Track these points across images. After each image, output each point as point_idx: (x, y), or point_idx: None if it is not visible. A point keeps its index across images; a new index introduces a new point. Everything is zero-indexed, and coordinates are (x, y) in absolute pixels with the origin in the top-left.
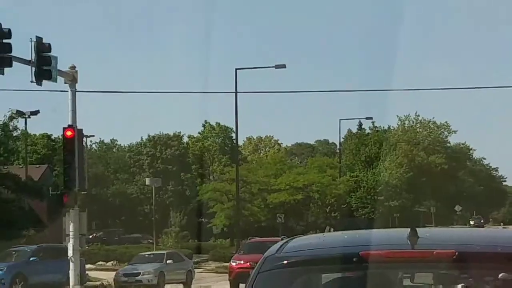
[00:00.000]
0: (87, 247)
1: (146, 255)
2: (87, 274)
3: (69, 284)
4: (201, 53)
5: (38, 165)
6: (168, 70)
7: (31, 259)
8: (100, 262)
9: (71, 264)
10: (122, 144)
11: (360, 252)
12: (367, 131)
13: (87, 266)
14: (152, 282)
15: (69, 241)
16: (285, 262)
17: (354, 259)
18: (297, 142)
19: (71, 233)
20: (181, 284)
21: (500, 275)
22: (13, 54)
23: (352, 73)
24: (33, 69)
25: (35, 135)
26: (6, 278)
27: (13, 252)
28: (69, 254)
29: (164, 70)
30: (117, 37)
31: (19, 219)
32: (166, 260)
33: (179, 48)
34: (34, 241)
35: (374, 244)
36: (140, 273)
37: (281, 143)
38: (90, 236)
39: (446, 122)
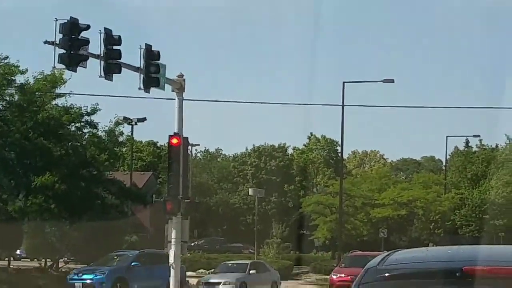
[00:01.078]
0: (188, 255)
1: (230, 264)
2: (188, 281)
3: None
4: (308, 65)
5: (143, 172)
6: (275, 81)
7: (132, 264)
8: (201, 270)
9: (172, 270)
10: (226, 154)
11: (463, 267)
12: (474, 148)
13: (188, 273)
14: None
15: (171, 248)
16: (386, 274)
17: (457, 274)
18: (402, 158)
19: (173, 240)
20: None
21: None
22: (122, 60)
23: (460, 90)
24: (141, 76)
25: (141, 142)
26: (107, 282)
27: (115, 257)
28: (170, 261)
29: (270, 80)
30: (225, 46)
31: (122, 224)
32: (249, 270)
33: (286, 59)
34: (136, 246)
35: (477, 259)
36: (220, 282)
37: (387, 158)
38: (192, 244)
39: None
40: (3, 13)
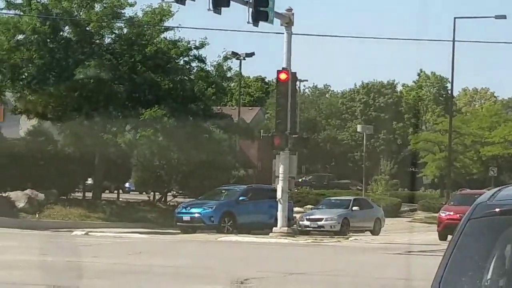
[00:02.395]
0: (295, 190)
1: (333, 200)
2: (295, 216)
3: (276, 225)
4: (419, 0)
5: (250, 107)
6: (385, 17)
7: (240, 198)
8: (309, 206)
9: (279, 205)
10: (335, 90)
11: None
12: None
13: (295, 209)
14: (334, 228)
15: (278, 183)
16: (497, 210)
17: None
18: None
19: (280, 175)
20: (369, 232)
21: None
22: None
23: None
24: (250, 10)
25: (249, 77)
26: (216, 216)
27: (223, 191)
28: (277, 196)
29: (381, 16)
30: None
31: (230, 159)
32: (352, 206)
33: None
34: (243, 181)
35: None
36: (322, 218)
37: (497, 96)
38: (299, 180)
39: None
40: None
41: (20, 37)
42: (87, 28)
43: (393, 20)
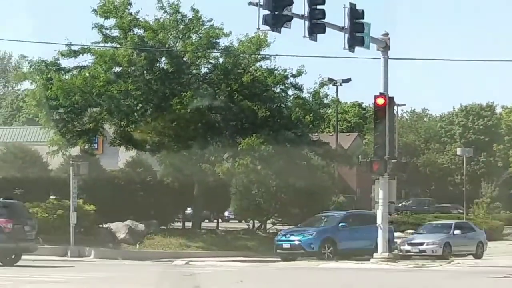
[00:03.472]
0: (396, 215)
1: (434, 224)
2: (396, 241)
3: (377, 251)
4: None
5: (348, 133)
6: (482, 37)
7: (340, 224)
8: (409, 231)
9: (379, 231)
10: (433, 114)
11: None
12: None
13: (396, 234)
14: (436, 252)
15: (378, 208)
16: None
17: None
18: None
19: (380, 200)
20: (471, 255)
21: None
22: (326, 20)
23: None
24: (346, 36)
25: (346, 103)
26: (316, 242)
27: (323, 218)
28: (378, 221)
29: (477, 37)
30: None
31: (328, 185)
32: (454, 230)
33: (494, 14)
34: (342, 207)
35: None
36: (424, 243)
37: None
38: (399, 204)
39: None
40: None
41: (117, 69)
42: (183, 59)
43: (491, 41)
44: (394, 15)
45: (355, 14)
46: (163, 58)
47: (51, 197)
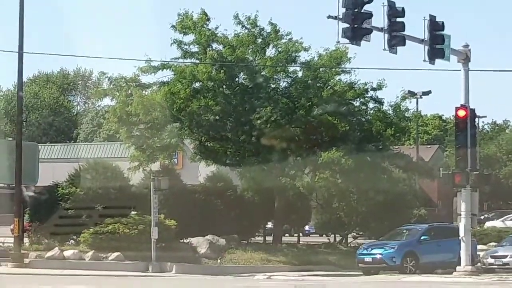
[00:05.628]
0: (478, 228)
1: None
2: (479, 255)
3: (460, 264)
4: None
5: (429, 146)
6: None
7: (422, 238)
8: (492, 243)
9: (462, 244)
10: None
11: None
12: None
13: (478, 247)
14: None
15: (460, 221)
16: None
17: None
18: None
19: (462, 213)
20: None
21: None
22: (406, 33)
23: None
24: (426, 48)
25: (426, 115)
26: (397, 256)
27: (404, 231)
28: (460, 234)
29: None
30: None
31: (410, 198)
32: None
33: None
34: (424, 220)
35: None
36: (507, 255)
37: None
38: (482, 217)
39: None
40: None
41: (197, 85)
42: (262, 73)
43: None
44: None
45: (435, 26)
46: (242, 73)
47: (133, 212)
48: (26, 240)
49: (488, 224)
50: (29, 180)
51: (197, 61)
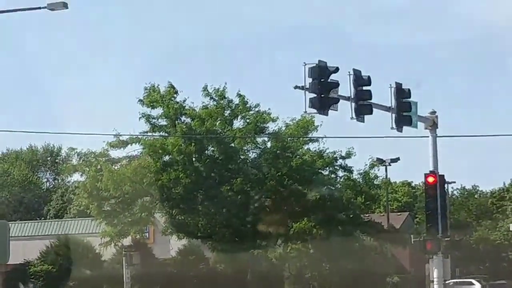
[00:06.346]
0: None
1: None
2: None
3: None
4: None
5: (399, 213)
6: None
7: None
8: None
9: None
10: (484, 190)
11: None
12: None
13: None
14: None
15: None
16: None
17: None
18: None
19: (435, 279)
20: None
21: None
22: (373, 100)
23: None
24: (393, 115)
25: (395, 182)
26: None
27: None
28: None
29: None
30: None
31: (382, 266)
32: None
33: None
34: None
35: None
36: None
37: None
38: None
39: None
40: (252, 62)
41: (166, 158)
42: (231, 145)
43: None
44: (440, 91)
45: (402, 94)
46: (211, 145)
47: None
48: None
49: None
50: (0, 258)
51: (166, 135)
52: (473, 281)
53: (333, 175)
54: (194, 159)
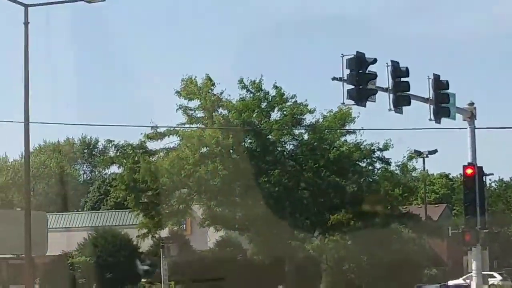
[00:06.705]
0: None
1: None
2: None
3: None
4: None
5: (436, 205)
6: None
7: None
8: None
9: None
10: None
11: None
12: None
13: None
14: None
15: (472, 279)
16: None
17: None
18: None
19: (474, 271)
20: None
21: None
22: (411, 92)
23: None
24: (431, 107)
25: (433, 174)
26: None
27: None
28: None
29: None
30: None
31: (420, 258)
32: None
33: None
34: (436, 280)
35: None
36: None
37: None
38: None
39: None
40: (292, 53)
41: (204, 150)
42: (268, 137)
43: None
44: (480, 82)
45: (440, 85)
46: (248, 137)
47: (143, 280)
48: None
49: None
50: (39, 250)
51: (204, 126)
52: (495, 273)
53: (370, 167)
54: (231, 151)
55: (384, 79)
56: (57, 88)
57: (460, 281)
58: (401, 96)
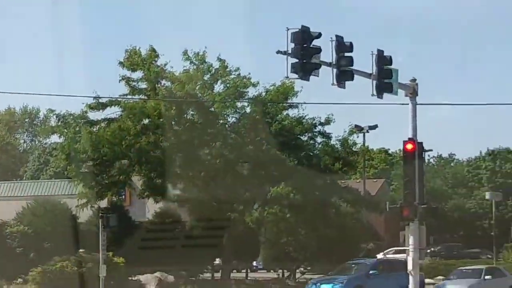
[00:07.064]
0: (426, 261)
1: (464, 270)
2: None
3: None
4: None
5: (375, 179)
6: (508, 81)
7: (370, 272)
8: (439, 277)
9: (410, 278)
10: (460, 158)
11: None
12: None
13: (426, 280)
14: None
15: (408, 255)
16: None
17: None
18: None
19: (410, 247)
20: None
21: None
22: (354, 67)
23: None
24: (374, 82)
25: (372, 149)
26: None
27: (353, 265)
28: (408, 268)
29: (504, 80)
30: (455, 49)
31: (358, 232)
32: (485, 275)
33: None
34: (372, 254)
35: None
36: None
37: None
38: (428, 251)
39: None
40: (238, 26)
41: (146, 121)
42: (211, 109)
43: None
44: (422, 59)
45: (383, 61)
46: (191, 109)
47: (81, 250)
48: None
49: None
50: None
51: (146, 98)
52: None
53: (311, 141)
54: (173, 122)
55: (328, 54)
56: None
57: (380, 256)
58: (344, 71)
